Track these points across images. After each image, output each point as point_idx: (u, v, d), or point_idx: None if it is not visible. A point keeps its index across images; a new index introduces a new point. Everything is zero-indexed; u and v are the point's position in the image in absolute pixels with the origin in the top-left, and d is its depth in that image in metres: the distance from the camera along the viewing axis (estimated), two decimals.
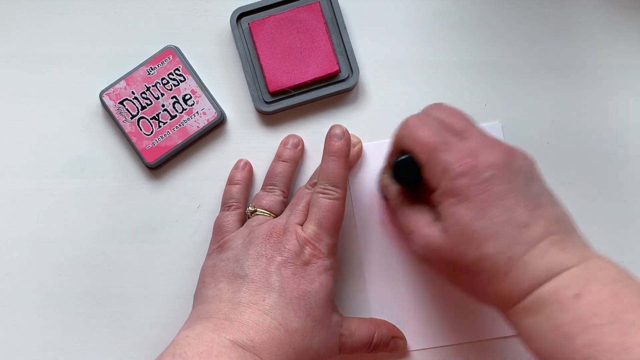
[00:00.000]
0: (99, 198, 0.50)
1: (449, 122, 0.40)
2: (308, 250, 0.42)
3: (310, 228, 0.43)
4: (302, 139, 0.49)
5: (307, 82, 0.49)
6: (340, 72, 0.49)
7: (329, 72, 0.49)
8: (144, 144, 0.49)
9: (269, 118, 0.51)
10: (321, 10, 0.49)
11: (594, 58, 0.51)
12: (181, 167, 0.50)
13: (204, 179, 0.50)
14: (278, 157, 0.48)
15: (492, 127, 0.49)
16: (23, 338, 0.49)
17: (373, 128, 0.50)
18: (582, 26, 0.51)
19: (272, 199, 0.47)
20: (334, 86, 0.49)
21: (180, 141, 0.49)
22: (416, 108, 0.50)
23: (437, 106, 0.43)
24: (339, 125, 0.45)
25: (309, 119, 0.50)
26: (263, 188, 0.48)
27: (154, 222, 0.50)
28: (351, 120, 0.50)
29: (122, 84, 0.49)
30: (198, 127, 0.49)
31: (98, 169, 0.50)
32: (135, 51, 0.50)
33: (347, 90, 0.50)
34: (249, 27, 0.50)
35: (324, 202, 0.43)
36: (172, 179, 0.50)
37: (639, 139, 0.50)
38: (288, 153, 0.48)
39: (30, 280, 0.49)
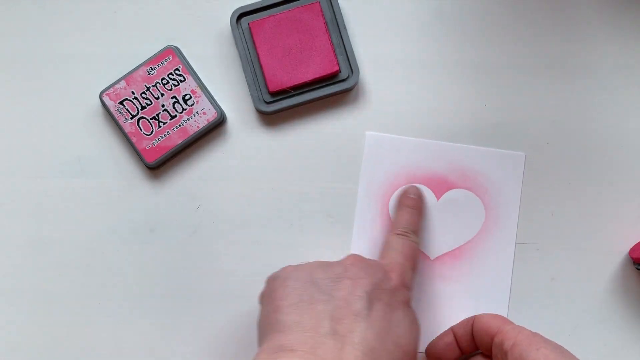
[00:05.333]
0: (99, 198, 0.50)
1: None
2: (394, 277, 0.41)
3: (396, 259, 0.43)
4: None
5: (307, 82, 0.49)
6: (340, 72, 0.49)
7: (329, 72, 0.49)
8: (144, 144, 0.49)
9: (269, 118, 0.51)
10: (321, 10, 0.49)
11: (593, 58, 0.51)
12: (181, 167, 0.50)
13: (204, 179, 0.50)
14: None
15: (515, 156, 0.49)
16: (23, 338, 0.49)
17: (373, 128, 0.50)
18: (581, 26, 0.51)
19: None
20: (334, 86, 0.49)
21: (180, 141, 0.49)
22: (416, 108, 0.50)
23: None
24: (415, 187, 0.48)
25: (309, 119, 0.50)
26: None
27: (153, 222, 0.50)
28: (351, 120, 0.50)
29: (122, 84, 0.49)
30: (198, 127, 0.49)
31: (98, 169, 0.50)
32: (135, 51, 0.50)
33: (347, 90, 0.50)
34: (249, 27, 0.49)
35: (407, 242, 0.44)
36: (172, 179, 0.50)
37: (639, 139, 0.50)
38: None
39: (30, 280, 0.49)
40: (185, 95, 0.49)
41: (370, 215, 0.49)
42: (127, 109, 0.49)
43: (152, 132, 0.49)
